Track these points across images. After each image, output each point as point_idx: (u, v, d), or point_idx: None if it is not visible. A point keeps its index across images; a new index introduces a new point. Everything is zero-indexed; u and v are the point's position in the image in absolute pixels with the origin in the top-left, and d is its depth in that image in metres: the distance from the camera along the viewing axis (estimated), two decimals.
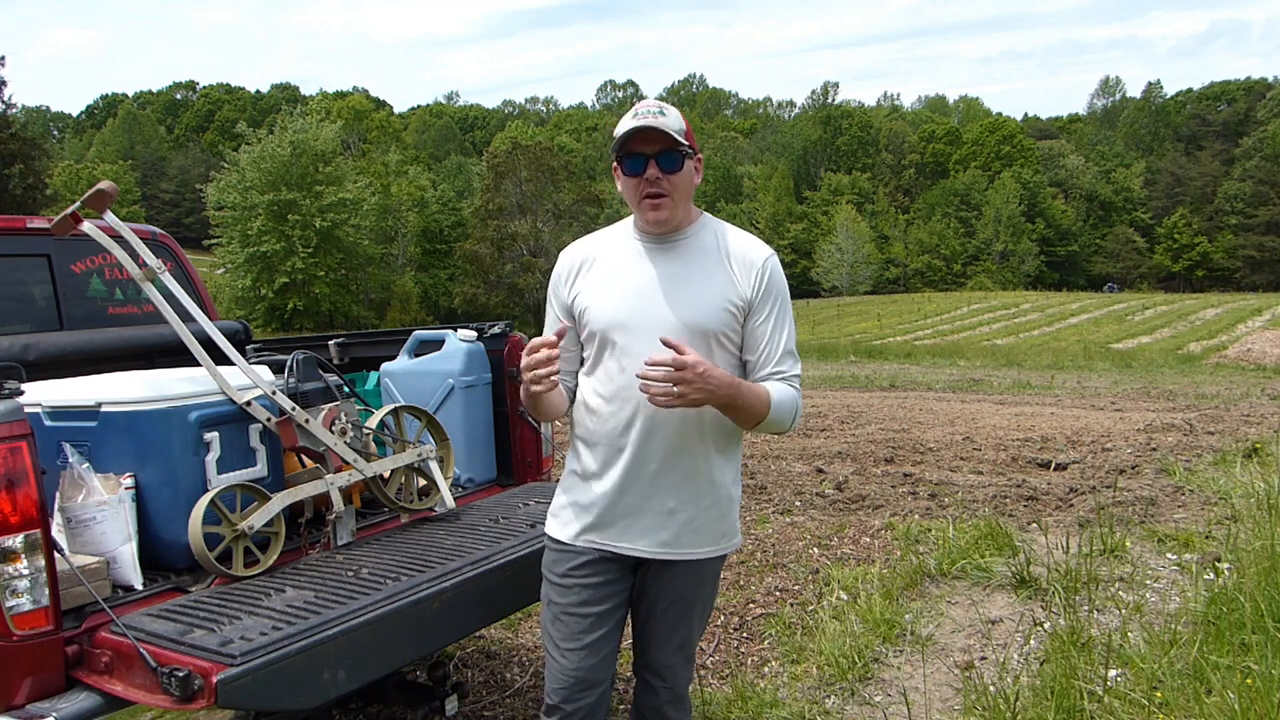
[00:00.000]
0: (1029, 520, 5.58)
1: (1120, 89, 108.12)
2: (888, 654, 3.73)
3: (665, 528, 2.14)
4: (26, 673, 2.02)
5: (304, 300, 43.47)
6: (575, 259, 2.26)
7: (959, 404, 11.94)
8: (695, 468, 2.14)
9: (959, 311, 43.97)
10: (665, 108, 2.12)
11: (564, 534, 2.23)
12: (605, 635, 2.21)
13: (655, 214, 2.12)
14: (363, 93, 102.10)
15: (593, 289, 2.19)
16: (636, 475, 2.13)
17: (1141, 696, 2.93)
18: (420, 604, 2.33)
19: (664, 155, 2.09)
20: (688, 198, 2.17)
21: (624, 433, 2.12)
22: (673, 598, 2.24)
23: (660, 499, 2.13)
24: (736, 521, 2.27)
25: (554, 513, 2.30)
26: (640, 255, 2.19)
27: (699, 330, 2.10)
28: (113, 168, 72.58)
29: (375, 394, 3.75)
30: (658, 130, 2.07)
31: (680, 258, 2.17)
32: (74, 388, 2.59)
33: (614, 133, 2.15)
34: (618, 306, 2.14)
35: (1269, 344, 24.65)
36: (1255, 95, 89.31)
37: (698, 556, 2.19)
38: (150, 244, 3.47)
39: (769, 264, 2.18)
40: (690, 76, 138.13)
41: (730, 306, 2.13)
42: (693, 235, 2.20)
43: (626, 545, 2.16)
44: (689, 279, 2.14)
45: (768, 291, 2.16)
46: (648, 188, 2.10)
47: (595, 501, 2.17)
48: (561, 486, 2.30)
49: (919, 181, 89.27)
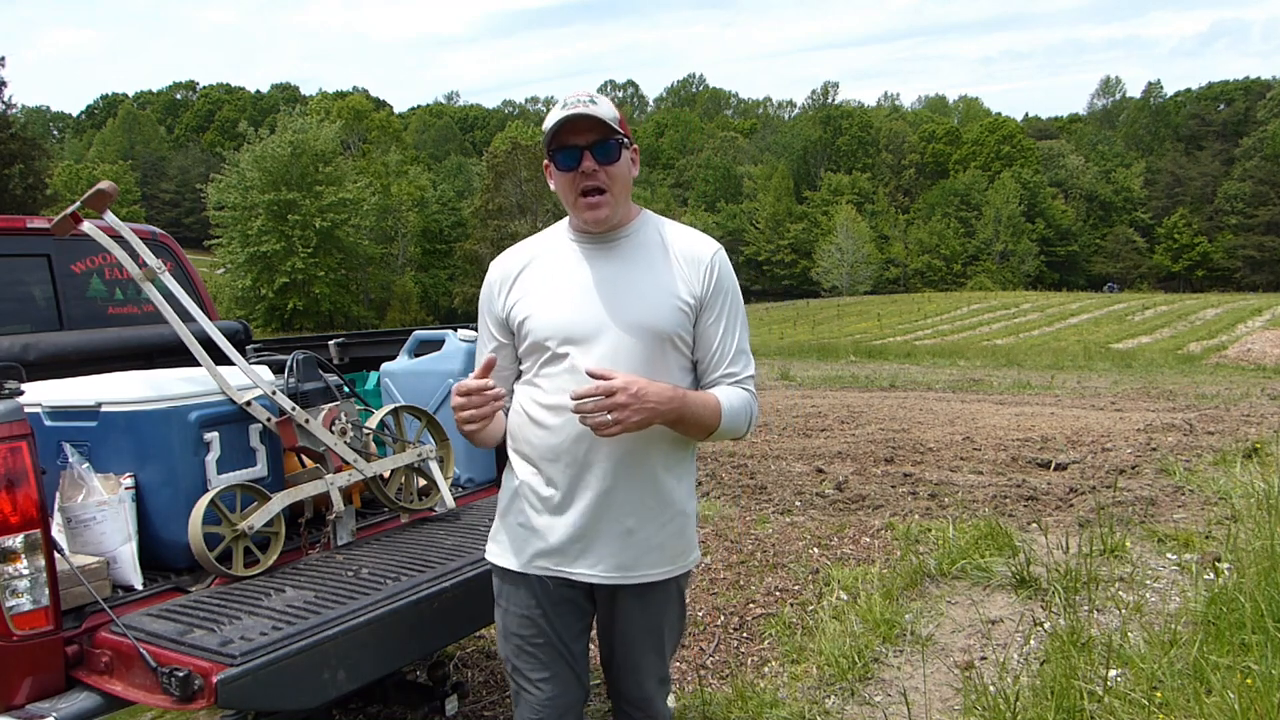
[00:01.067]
0: (1029, 520, 5.58)
1: (1120, 89, 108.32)
2: (888, 654, 3.73)
3: (625, 549, 1.99)
4: (26, 673, 2.02)
5: (304, 300, 43.50)
6: (508, 268, 2.10)
7: (959, 404, 11.94)
8: (652, 483, 2.00)
9: (959, 311, 43.97)
10: (595, 96, 1.95)
11: (514, 561, 2.05)
12: (576, 658, 2.10)
13: (593, 213, 1.97)
14: (363, 93, 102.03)
15: (532, 297, 2.03)
16: (591, 493, 1.97)
17: (1141, 696, 2.93)
18: (420, 604, 2.33)
19: (599, 146, 1.93)
20: (627, 192, 2.02)
21: (575, 447, 1.96)
22: (642, 626, 2.09)
23: (618, 518, 1.97)
24: (695, 535, 2.13)
25: (496, 537, 2.12)
26: (580, 257, 2.04)
27: (652, 332, 1.97)
28: (113, 168, 72.61)
29: (375, 394, 3.75)
30: (591, 118, 1.91)
31: (624, 257, 2.03)
32: (74, 388, 2.59)
33: (543, 127, 1.99)
34: (563, 313, 1.99)
35: (1269, 344, 24.65)
36: (1255, 95, 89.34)
37: (661, 577, 2.04)
38: (150, 244, 3.47)
39: (717, 259, 2.05)
40: (690, 76, 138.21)
41: (682, 305, 1.99)
42: (634, 233, 2.05)
43: (584, 571, 1.99)
44: (636, 279, 2.00)
45: (718, 288, 2.03)
46: (584, 181, 1.95)
47: (547, 524, 2.00)
48: (503, 508, 2.11)
49: (919, 181, 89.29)
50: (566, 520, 1.99)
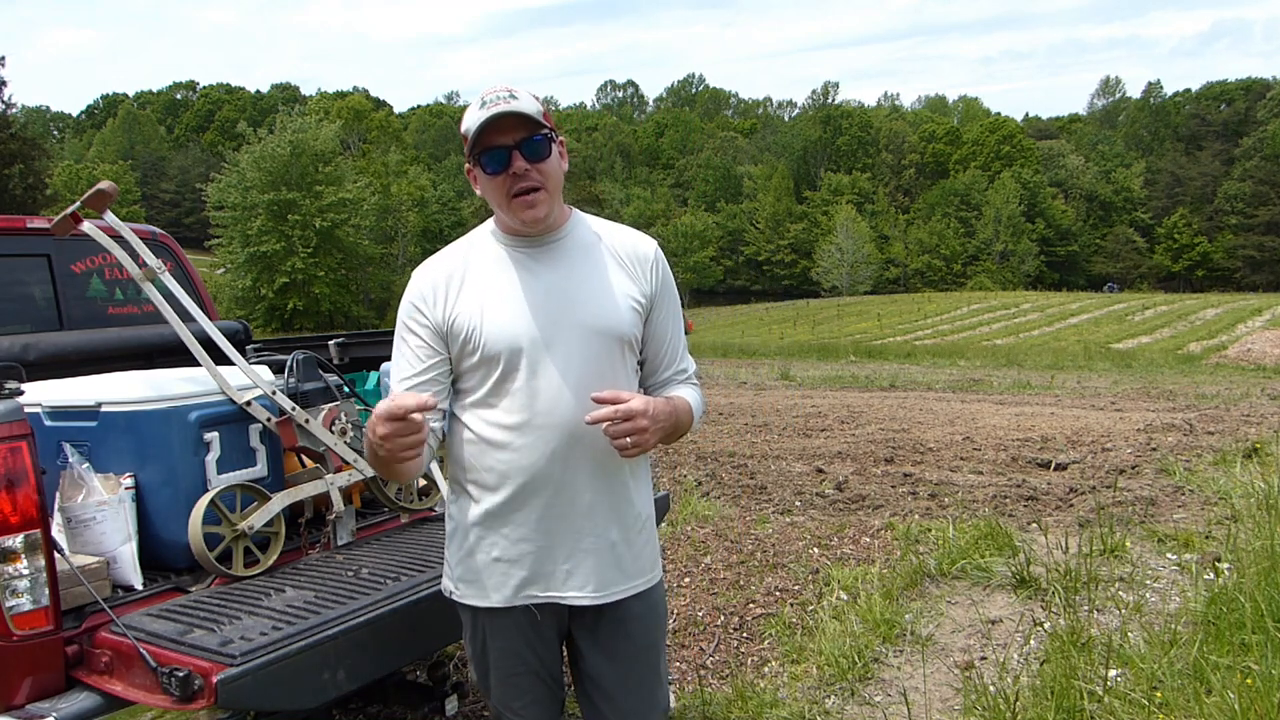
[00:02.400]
0: (1029, 520, 5.58)
1: (1120, 89, 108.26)
2: (888, 654, 3.73)
3: (611, 564, 1.89)
4: (26, 673, 2.02)
5: (304, 300, 43.47)
6: (438, 277, 1.91)
7: (959, 404, 11.94)
8: (623, 492, 1.92)
9: (959, 311, 43.96)
10: (515, 90, 1.81)
11: (495, 599, 1.90)
12: (557, 681, 2.02)
13: (531, 212, 1.82)
14: (363, 93, 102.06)
15: (475, 309, 1.85)
16: (571, 509, 1.86)
17: (1141, 696, 2.93)
18: (420, 604, 2.33)
19: (527, 143, 1.80)
20: (559, 189, 1.88)
21: (547, 465, 1.83)
22: (636, 646, 1.97)
23: (601, 532, 1.88)
24: (659, 547, 2.07)
25: (466, 577, 1.94)
26: (520, 263, 1.88)
27: (613, 336, 1.87)
28: (113, 168, 72.62)
29: (375, 394, 3.74)
30: (515, 115, 1.78)
31: (566, 260, 1.90)
32: (74, 388, 2.59)
33: (461, 130, 1.85)
34: (515, 323, 1.83)
35: (1269, 344, 24.65)
36: (1255, 95, 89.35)
37: (645, 586, 1.97)
38: (150, 244, 3.47)
39: (659, 255, 1.98)
40: (690, 76, 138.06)
41: (635, 305, 1.91)
42: (570, 233, 1.93)
43: (574, 594, 1.88)
44: (586, 282, 1.88)
45: (664, 285, 1.97)
46: (515, 184, 1.80)
47: (526, 550, 1.87)
48: (467, 546, 1.92)
49: (919, 181, 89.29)
50: (549, 543, 1.87)
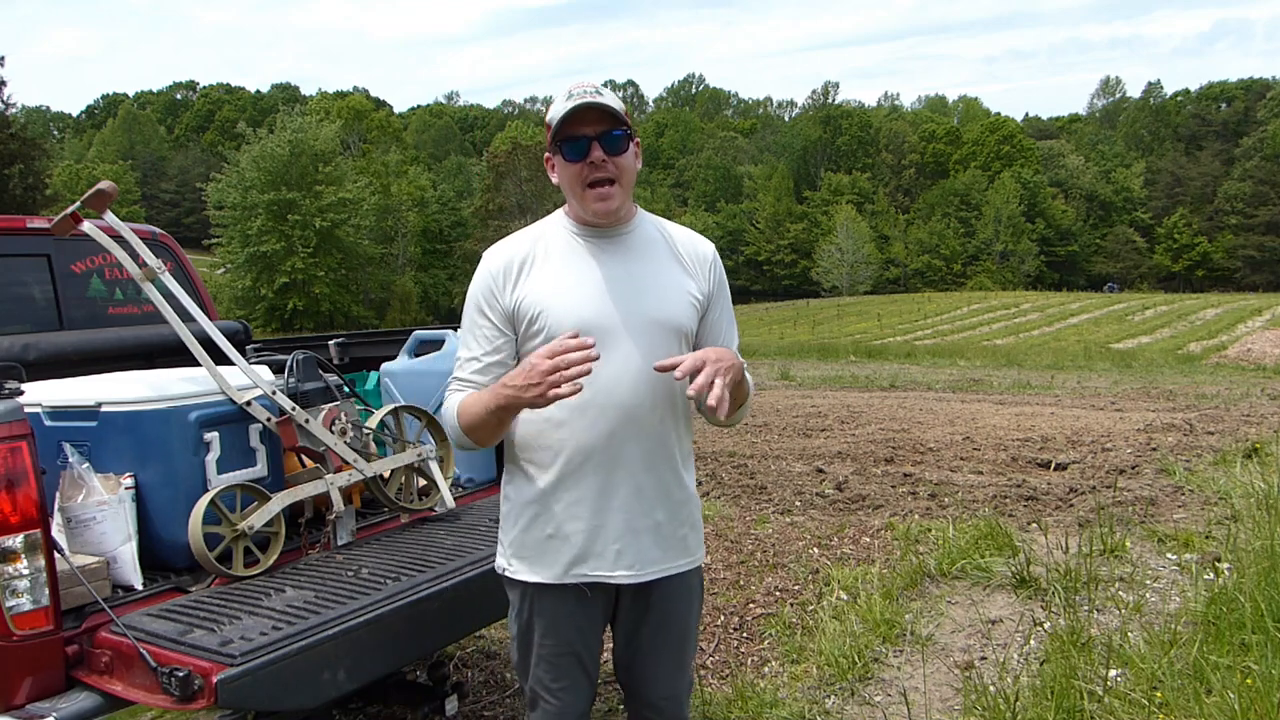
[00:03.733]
0: (1029, 520, 5.58)
1: (1120, 89, 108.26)
2: (888, 654, 3.73)
3: (656, 544, 1.98)
4: (26, 673, 2.02)
5: (304, 300, 43.48)
6: (508, 260, 2.00)
7: (959, 404, 11.94)
8: (674, 473, 2.01)
9: (959, 311, 43.96)
10: (600, 87, 1.91)
11: (547, 575, 1.98)
12: (593, 664, 2.09)
13: (604, 205, 1.92)
14: (363, 93, 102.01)
15: (543, 291, 1.94)
16: (622, 490, 1.94)
17: (1141, 696, 2.93)
18: (420, 604, 2.33)
19: (607, 136, 1.89)
20: (631, 185, 1.98)
21: (605, 444, 1.92)
22: (673, 622, 2.07)
23: (648, 513, 1.97)
24: (702, 530, 2.15)
25: (520, 554, 2.02)
26: (587, 252, 1.98)
27: (671, 326, 1.97)
28: (113, 168, 72.58)
29: (375, 394, 3.75)
30: (599, 108, 1.88)
31: (632, 252, 2.00)
32: (74, 388, 2.59)
33: (547, 119, 1.95)
34: (582, 308, 1.92)
35: (1269, 344, 24.64)
36: (1255, 95, 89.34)
37: (686, 568, 2.06)
38: (150, 244, 3.47)
39: (716, 257, 2.11)
40: (690, 76, 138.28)
41: (693, 301, 2.01)
42: (637, 228, 2.04)
43: (622, 572, 1.96)
44: (649, 274, 1.99)
45: (720, 285, 2.09)
46: (592, 173, 1.90)
47: (579, 528, 1.95)
48: (522, 523, 2.01)
49: (919, 181, 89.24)
50: (601, 522, 1.94)
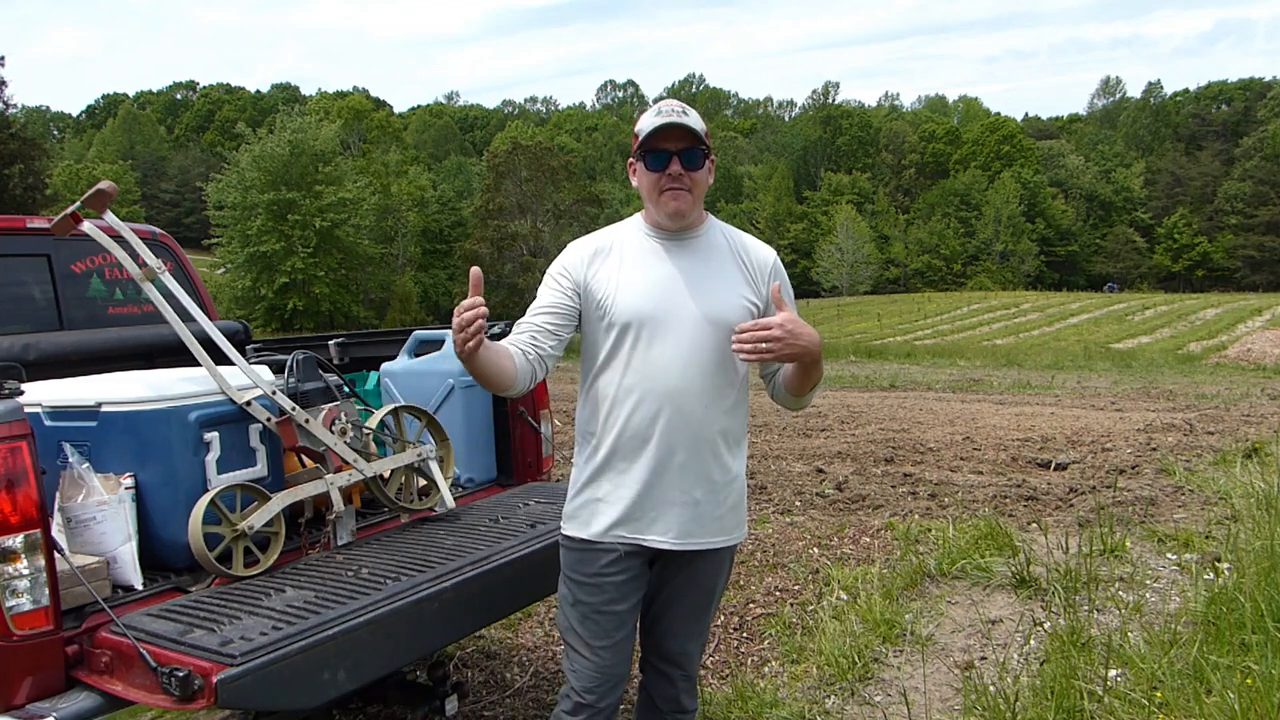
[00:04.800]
0: (1029, 520, 5.58)
1: (1121, 89, 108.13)
2: (888, 654, 3.73)
3: (692, 519, 2.18)
4: (26, 673, 2.02)
5: (304, 300, 43.41)
6: (591, 248, 2.26)
7: (959, 404, 11.94)
8: (716, 457, 2.20)
9: (959, 311, 43.96)
10: (687, 108, 2.17)
11: (589, 531, 2.22)
12: (632, 630, 2.27)
13: (676, 204, 2.15)
14: (363, 93, 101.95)
15: (613, 279, 2.19)
16: (664, 466, 2.15)
17: (1141, 696, 2.93)
18: (420, 604, 2.33)
19: (687, 153, 2.14)
20: (702, 197, 2.22)
21: (650, 424, 2.14)
22: (697, 588, 2.29)
23: (687, 489, 2.17)
24: (745, 511, 2.33)
25: (572, 514, 2.28)
26: (657, 251, 2.22)
27: (723, 326, 2.15)
28: (113, 168, 72.48)
29: (375, 394, 3.75)
30: (684, 128, 2.12)
31: (697, 255, 2.22)
32: (74, 388, 2.59)
33: (635, 130, 2.19)
34: (644, 298, 2.16)
35: (1269, 344, 24.64)
36: (1255, 95, 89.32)
37: (720, 545, 2.25)
38: (150, 244, 3.47)
39: (777, 263, 2.30)
40: (690, 76, 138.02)
41: (749, 304, 2.21)
42: (705, 234, 2.26)
43: (655, 538, 2.18)
44: (709, 275, 2.20)
45: (784, 287, 2.24)
46: (669, 183, 2.14)
47: (623, 495, 2.18)
48: (577, 486, 2.28)
49: (919, 181, 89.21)
50: (640, 491, 2.16)
